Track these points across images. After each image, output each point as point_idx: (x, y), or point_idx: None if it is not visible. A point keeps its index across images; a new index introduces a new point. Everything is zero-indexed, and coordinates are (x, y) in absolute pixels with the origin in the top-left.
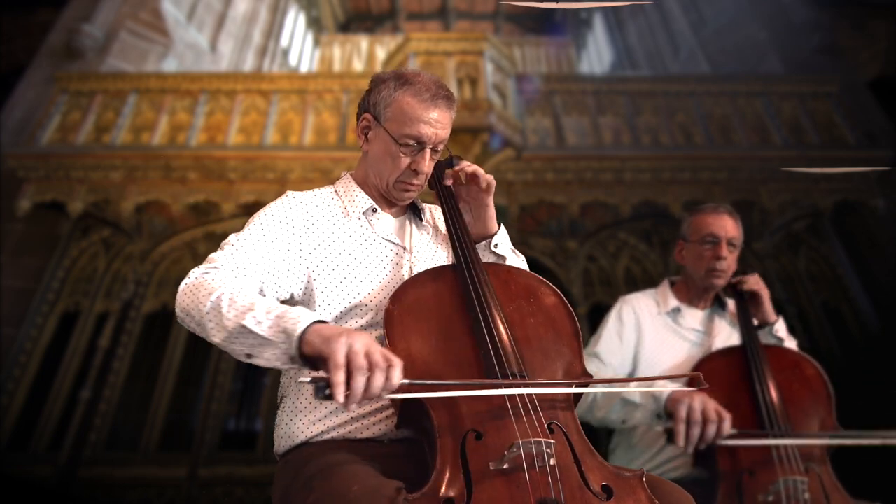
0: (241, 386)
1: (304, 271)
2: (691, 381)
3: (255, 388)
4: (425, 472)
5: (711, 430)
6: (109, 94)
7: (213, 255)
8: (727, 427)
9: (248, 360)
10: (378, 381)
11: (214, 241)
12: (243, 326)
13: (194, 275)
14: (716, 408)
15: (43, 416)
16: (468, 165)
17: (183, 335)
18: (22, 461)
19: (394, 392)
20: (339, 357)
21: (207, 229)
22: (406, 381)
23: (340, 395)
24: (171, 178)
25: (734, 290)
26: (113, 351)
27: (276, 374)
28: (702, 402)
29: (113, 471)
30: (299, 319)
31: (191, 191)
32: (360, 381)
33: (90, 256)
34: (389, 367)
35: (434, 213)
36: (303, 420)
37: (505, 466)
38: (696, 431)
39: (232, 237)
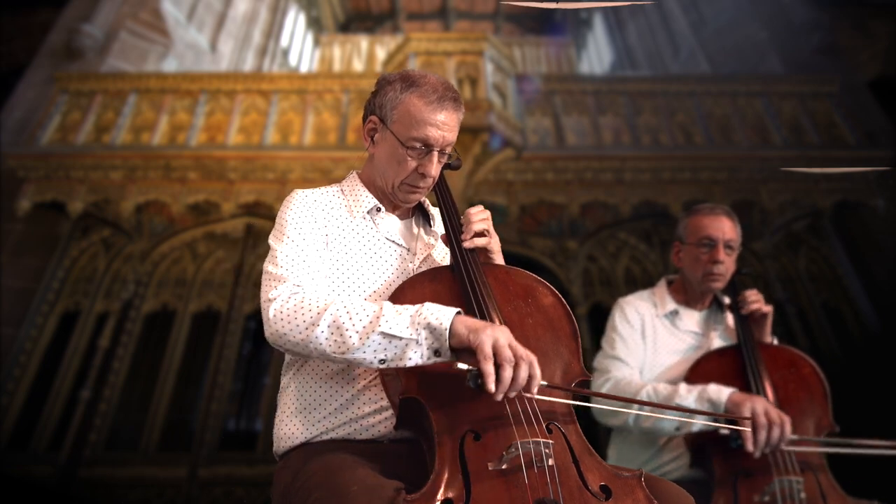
0: (241, 386)
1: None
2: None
3: (255, 388)
4: (425, 473)
5: (776, 433)
6: (109, 94)
7: (274, 272)
8: (789, 430)
9: (382, 366)
10: (523, 372)
11: (214, 241)
12: (383, 334)
13: (281, 298)
14: (778, 412)
15: (43, 416)
16: (479, 239)
17: (183, 335)
18: (22, 461)
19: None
20: (487, 348)
21: (207, 229)
22: (545, 382)
23: (491, 384)
24: (171, 178)
25: (734, 307)
26: (113, 351)
27: (277, 374)
28: (764, 406)
29: (113, 471)
30: (440, 314)
31: (191, 191)
32: (508, 372)
33: (90, 256)
34: (532, 361)
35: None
36: (302, 421)
37: (504, 467)
38: (763, 435)
39: (279, 248)
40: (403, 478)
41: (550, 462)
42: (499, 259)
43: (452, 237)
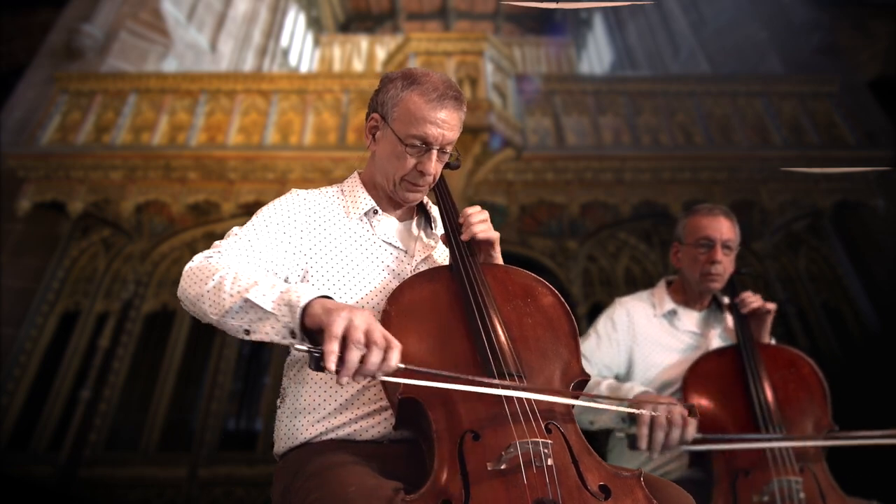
0: (241, 386)
1: (302, 266)
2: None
3: (255, 388)
4: (424, 473)
5: (676, 434)
6: (109, 94)
7: (217, 242)
8: (692, 432)
9: (246, 337)
10: (374, 358)
11: (214, 241)
12: (247, 300)
13: (198, 258)
14: (681, 412)
15: (43, 416)
16: (480, 233)
17: (183, 335)
18: (22, 461)
19: (390, 375)
20: (337, 328)
21: (207, 229)
22: (403, 365)
23: (331, 363)
24: (171, 178)
25: (733, 306)
26: (113, 351)
27: (277, 374)
28: (667, 406)
29: (113, 471)
30: (304, 293)
31: (191, 191)
32: (354, 355)
33: (90, 256)
34: (388, 347)
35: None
36: (303, 421)
37: (502, 467)
38: (660, 435)
39: (236, 228)
40: (403, 478)
41: (549, 462)
42: (498, 259)
43: (451, 237)
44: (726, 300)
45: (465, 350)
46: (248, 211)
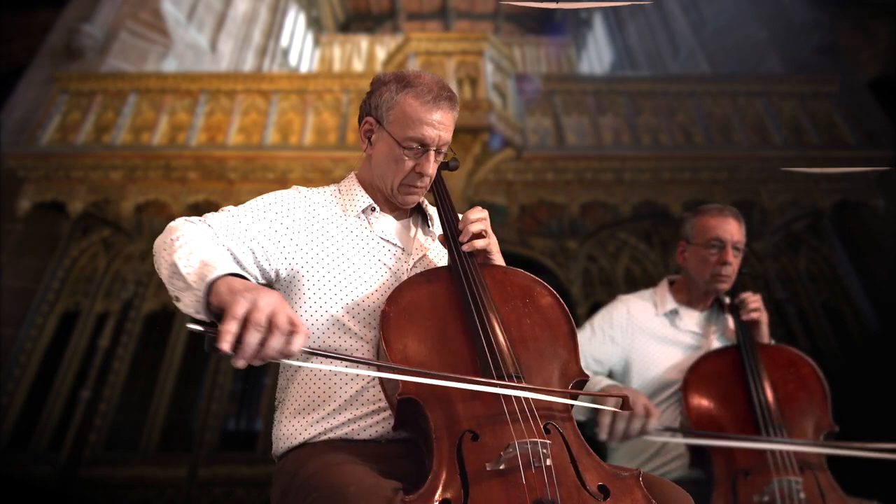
0: (241, 386)
1: (293, 263)
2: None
3: (255, 388)
4: (423, 473)
5: (637, 424)
6: (109, 94)
7: (208, 214)
8: (654, 423)
9: (177, 304)
10: (275, 342)
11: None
12: (173, 264)
13: (176, 223)
14: (645, 403)
15: (43, 416)
16: (478, 241)
17: (183, 335)
18: (22, 461)
19: (291, 358)
20: (238, 309)
21: None
22: (308, 348)
23: (225, 343)
24: (171, 178)
25: (734, 307)
26: (113, 351)
27: (277, 374)
28: (632, 398)
29: (113, 471)
30: (216, 268)
31: (191, 191)
32: (253, 337)
33: (90, 256)
34: (293, 332)
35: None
36: (301, 422)
37: (501, 467)
38: (620, 425)
39: (231, 207)
40: (402, 478)
41: (548, 462)
42: (498, 259)
43: (450, 238)
44: (727, 300)
45: (465, 351)
46: None
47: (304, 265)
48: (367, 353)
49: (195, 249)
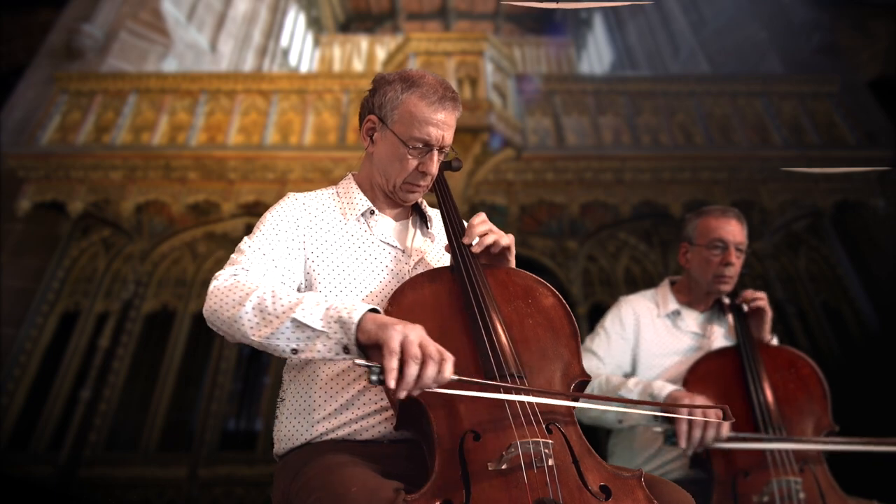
0: (241, 386)
1: (307, 270)
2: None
3: (255, 388)
4: (425, 473)
5: (711, 432)
6: (109, 94)
7: (234, 258)
8: (726, 430)
9: (294, 356)
10: (430, 371)
11: (214, 241)
12: (294, 320)
13: (223, 277)
14: (717, 413)
15: (43, 416)
16: (494, 243)
17: (183, 335)
18: (22, 461)
19: (444, 387)
20: (395, 344)
21: (207, 229)
22: (457, 376)
23: (392, 380)
24: (171, 178)
25: (734, 306)
26: (113, 351)
27: (277, 373)
28: (703, 403)
29: (113, 471)
30: (354, 308)
31: (191, 191)
32: (412, 369)
33: (90, 256)
34: (442, 360)
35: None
36: (302, 422)
37: (503, 467)
38: (697, 433)
39: (245, 240)
40: (403, 478)
41: (550, 462)
42: (511, 264)
43: (453, 238)
44: (727, 301)
45: (467, 351)
46: (248, 211)
47: (313, 270)
48: None
49: (303, 297)
